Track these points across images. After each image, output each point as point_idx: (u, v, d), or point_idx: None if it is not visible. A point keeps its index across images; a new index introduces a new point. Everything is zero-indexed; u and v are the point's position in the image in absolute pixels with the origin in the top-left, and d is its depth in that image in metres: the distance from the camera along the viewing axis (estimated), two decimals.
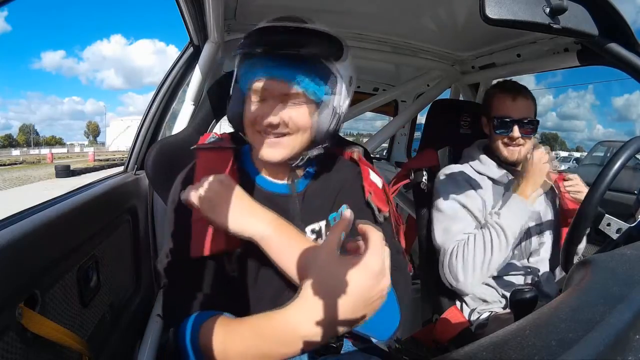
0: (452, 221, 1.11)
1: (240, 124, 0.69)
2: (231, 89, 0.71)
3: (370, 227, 0.48)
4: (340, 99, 0.68)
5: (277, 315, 0.46)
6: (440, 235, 1.13)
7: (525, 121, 1.09)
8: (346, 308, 0.43)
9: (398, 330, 0.61)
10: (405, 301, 0.63)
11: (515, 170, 1.15)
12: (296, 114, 0.64)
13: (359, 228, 0.48)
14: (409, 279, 0.70)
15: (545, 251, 1.15)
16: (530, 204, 1.05)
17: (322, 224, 0.73)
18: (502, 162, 1.15)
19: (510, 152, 1.12)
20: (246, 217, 0.59)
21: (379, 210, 0.75)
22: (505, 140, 1.12)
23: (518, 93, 1.11)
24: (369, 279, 0.44)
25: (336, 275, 0.43)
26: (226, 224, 0.58)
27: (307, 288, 0.44)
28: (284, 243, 0.58)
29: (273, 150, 0.65)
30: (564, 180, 1.14)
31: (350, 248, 0.49)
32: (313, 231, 0.72)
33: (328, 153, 0.77)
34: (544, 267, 1.15)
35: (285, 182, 0.73)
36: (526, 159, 1.08)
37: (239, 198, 0.60)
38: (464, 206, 1.11)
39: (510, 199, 1.06)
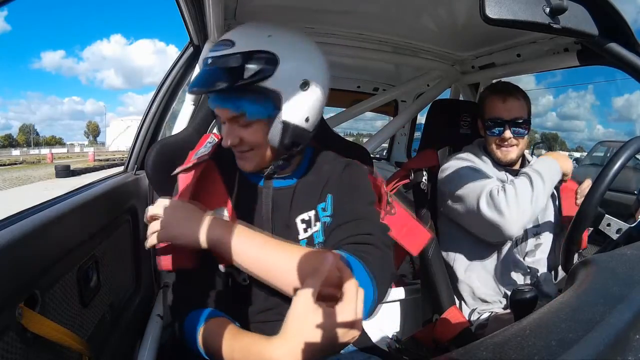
0: (481, 176, 1.09)
1: None
2: None
3: (348, 273, 0.52)
4: (290, 111, 0.66)
5: (263, 344, 0.53)
6: (469, 186, 1.07)
7: (517, 122, 1.10)
8: (319, 349, 0.49)
9: (373, 306, 0.64)
10: (380, 278, 0.64)
11: (513, 170, 1.16)
12: (246, 134, 0.68)
13: (341, 271, 0.53)
14: (387, 257, 0.69)
15: (542, 252, 1.15)
16: (558, 165, 1.07)
17: (311, 213, 0.77)
18: (498, 164, 1.16)
19: (503, 153, 1.13)
20: (198, 230, 0.64)
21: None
22: (498, 141, 1.13)
23: (508, 94, 1.12)
24: (341, 328, 0.49)
25: (312, 322, 0.49)
26: (184, 240, 0.64)
27: (287, 330, 0.51)
28: (238, 244, 0.62)
29: (243, 162, 0.72)
30: (578, 185, 1.15)
31: (327, 296, 0.52)
32: (303, 221, 0.76)
33: (318, 149, 0.83)
34: (543, 267, 1.15)
35: (279, 176, 0.77)
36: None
37: (190, 215, 0.66)
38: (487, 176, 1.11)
39: (538, 158, 1.09)
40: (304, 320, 0.49)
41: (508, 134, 1.11)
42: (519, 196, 0.99)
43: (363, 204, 0.76)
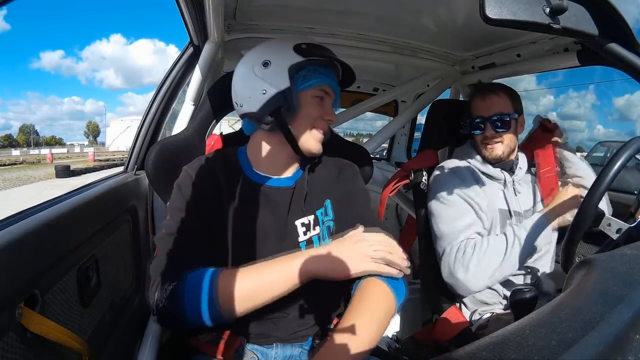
0: (459, 213, 1.08)
1: (293, 118, 0.77)
2: (280, 83, 0.75)
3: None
4: None
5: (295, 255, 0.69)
6: (444, 226, 1.09)
7: (497, 117, 1.10)
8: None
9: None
10: None
11: (507, 163, 1.16)
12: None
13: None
14: None
15: (539, 252, 1.15)
16: (551, 228, 1.04)
17: (311, 218, 0.80)
18: (489, 161, 1.16)
19: (488, 151, 1.14)
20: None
21: None
22: (482, 139, 1.14)
23: (488, 91, 1.13)
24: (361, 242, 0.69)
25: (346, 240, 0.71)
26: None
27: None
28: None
29: (319, 145, 0.81)
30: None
31: None
32: (303, 224, 0.79)
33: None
34: (543, 267, 1.15)
35: (279, 177, 0.82)
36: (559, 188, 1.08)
37: None
38: (469, 200, 1.10)
39: (536, 216, 1.04)
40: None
41: (489, 131, 1.11)
42: (485, 260, 1.00)
43: (363, 207, 0.83)
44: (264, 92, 0.75)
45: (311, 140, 0.79)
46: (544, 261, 1.15)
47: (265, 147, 0.81)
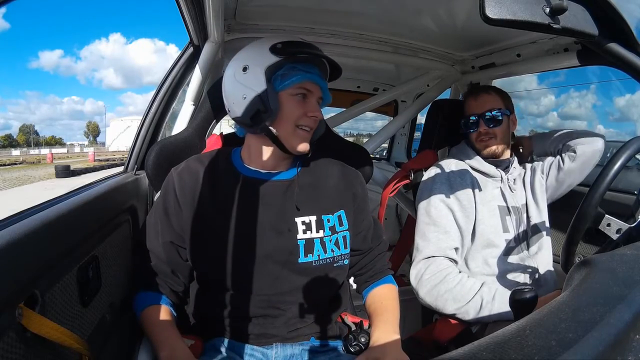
0: (435, 227, 1.10)
1: (274, 119, 0.77)
2: (257, 87, 0.76)
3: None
4: None
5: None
6: (418, 237, 1.13)
7: (489, 114, 1.15)
8: None
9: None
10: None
11: (502, 161, 1.18)
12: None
13: None
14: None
15: (542, 252, 1.15)
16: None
17: (312, 218, 0.81)
18: (486, 159, 1.18)
19: (484, 145, 1.17)
20: None
21: None
22: (476, 136, 1.18)
23: (479, 91, 1.18)
24: None
25: None
26: None
27: None
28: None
29: (306, 144, 0.79)
30: None
31: None
32: (303, 223, 0.80)
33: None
34: (543, 267, 1.15)
35: (271, 172, 0.83)
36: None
37: None
38: (453, 205, 1.11)
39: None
40: None
41: (482, 127, 1.16)
42: (444, 298, 1.03)
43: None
44: (244, 97, 0.77)
45: (296, 140, 0.78)
46: (544, 261, 1.15)
47: (256, 148, 0.82)
